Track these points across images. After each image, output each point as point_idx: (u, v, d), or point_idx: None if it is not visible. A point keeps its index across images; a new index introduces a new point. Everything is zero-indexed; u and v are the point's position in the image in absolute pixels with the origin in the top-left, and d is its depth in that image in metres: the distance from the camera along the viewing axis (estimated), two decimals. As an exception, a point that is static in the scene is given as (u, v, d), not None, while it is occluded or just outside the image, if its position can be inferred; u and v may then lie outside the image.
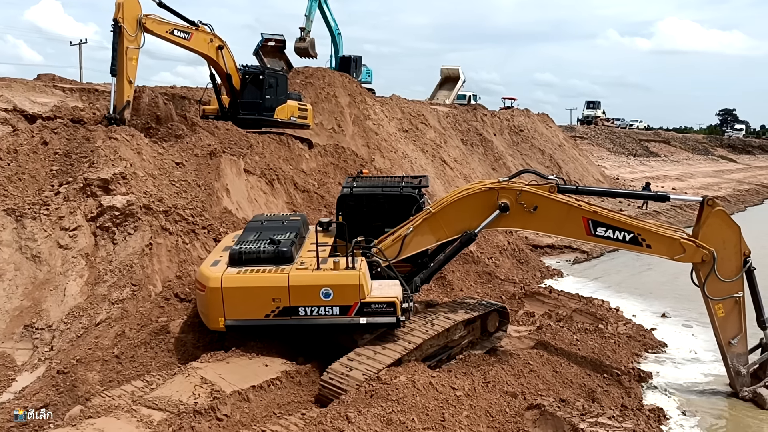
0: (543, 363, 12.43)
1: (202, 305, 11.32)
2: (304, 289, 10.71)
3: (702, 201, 12.19)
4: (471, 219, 12.01)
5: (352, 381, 9.96)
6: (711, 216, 12.08)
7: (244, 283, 10.73)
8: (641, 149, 71.36)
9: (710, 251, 11.93)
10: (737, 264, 12.23)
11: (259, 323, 10.84)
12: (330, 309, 10.82)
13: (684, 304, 19.76)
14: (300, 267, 10.94)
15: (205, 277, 10.95)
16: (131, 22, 16.97)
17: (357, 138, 30.28)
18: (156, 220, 14.24)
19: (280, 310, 10.72)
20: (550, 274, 22.76)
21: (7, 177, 14.07)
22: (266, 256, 11.03)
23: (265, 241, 11.37)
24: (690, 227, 12.84)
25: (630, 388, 12.49)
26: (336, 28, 41.98)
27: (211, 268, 11.17)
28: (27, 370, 11.42)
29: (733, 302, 12.40)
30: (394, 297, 11.00)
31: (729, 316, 12.48)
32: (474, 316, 12.46)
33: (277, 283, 10.69)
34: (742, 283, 12.39)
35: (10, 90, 18.36)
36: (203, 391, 9.63)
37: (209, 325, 11.08)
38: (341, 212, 12.45)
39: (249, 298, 10.71)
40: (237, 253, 11.12)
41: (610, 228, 11.82)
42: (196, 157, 17.14)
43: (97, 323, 12.23)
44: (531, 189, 11.93)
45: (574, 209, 11.93)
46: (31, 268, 12.96)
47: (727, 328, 12.57)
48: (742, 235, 12.23)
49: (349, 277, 10.83)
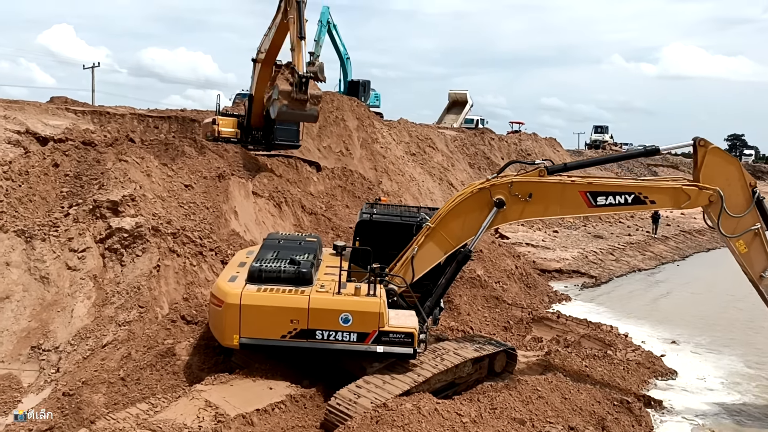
0: (551, 389, 12.27)
1: (216, 320, 11.09)
2: (323, 313, 10.59)
3: (694, 143, 11.98)
4: (471, 223, 11.90)
5: (359, 408, 9.87)
6: (708, 155, 11.87)
7: (263, 301, 10.53)
8: (649, 174, 71.21)
9: (715, 190, 11.75)
10: (746, 197, 12.01)
11: (274, 343, 10.68)
12: (348, 335, 10.70)
13: (694, 331, 19.61)
14: (320, 290, 10.80)
15: (223, 292, 10.74)
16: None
17: (365, 161, 30.42)
18: (164, 242, 14.28)
19: (297, 331, 10.57)
20: (558, 298, 22.60)
21: (18, 198, 14.19)
22: (286, 276, 10.88)
23: (284, 260, 11.22)
24: (700, 252, 12.77)
25: (640, 416, 12.31)
26: (345, 53, 42.44)
27: (229, 283, 10.95)
28: (33, 392, 11.39)
29: (752, 235, 12.13)
30: (412, 328, 10.92)
31: (752, 250, 12.24)
32: (483, 354, 12.37)
33: (297, 304, 10.56)
34: (756, 214, 12.13)
35: (24, 112, 18.61)
36: (207, 415, 9.58)
37: (222, 341, 10.87)
38: (359, 238, 12.40)
39: (267, 317, 10.52)
40: (257, 270, 10.90)
41: (610, 195, 11.65)
42: (205, 179, 17.25)
43: (103, 345, 12.22)
44: (521, 177, 11.81)
45: (569, 186, 11.80)
46: (39, 290, 13.00)
47: (754, 263, 12.33)
48: (743, 168, 12.10)
49: (370, 304, 10.74)
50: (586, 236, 34.49)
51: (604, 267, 28.31)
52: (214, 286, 11.35)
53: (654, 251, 32.71)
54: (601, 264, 28.71)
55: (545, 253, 29.18)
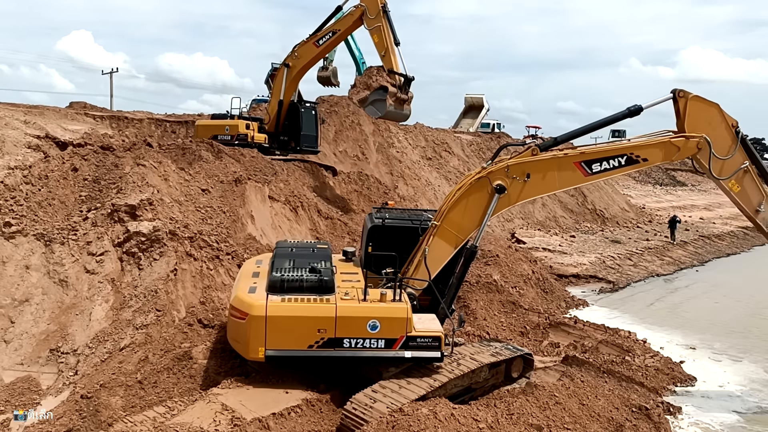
0: (569, 395, 12.16)
1: (238, 334, 10.75)
2: (351, 321, 10.47)
3: (674, 95, 12.18)
4: (474, 213, 11.76)
5: (375, 413, 9.84)
6: (688, 105, 12.14)
7: (289, 312, 10.34)
8: (668, 178, 70.61)
9: (701, 137, 12.07)
10: (731, 137, 12.39)
11: (301, 354, 10.47)
12: (375, 341, 10.61)
13: (713, 337, 19.36)
14: (345, 297, 10.65)
15: (247, 305, 10.47)
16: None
17: (381, 165, 30.45)
18: (181, 245, 14.37)
19: (324, 341, 10.41)
20: (575, 303, 22.42)
21: (38, 202, 14.36)
22: (309, 285, 10.70)
23: (303, 269, 11.03)
24: (719, 258, 12.65)
25: (659, 423, 12.15)
26: (360, 57, 42.52)
27: (250, 295, 10.67)
28: (52, 394, 11.49)
29: (743, 173, 12.62)
30: (439, 331, 10.93)
31: (745, 187, 12.76)
32: (500, 360, 12.29)
33: (324, 313, 10.39)
34: (742, 152, 12.55)
35: (44, 117, 18.86)
36: (224, 418, 9.59)
37: (247, 354, 10.59)
38: (371, 243, 12.27)
39: (293, 328, 10.33)
40: (279, 280, 10.68)
41: (603, 160, 11.81)
42: (222, 183, 17.35)
43: (121, 348, 12.31)
44: (516, 159, 11.74)
45: (563, 159, 11.82)
46: (58, 293, 13.13)
47: (748, 200, 12.88)
48: (723, 110, 12.30)
49: (398, 309, 10.69)
50: (604, 241, 34.21)
51: (621, 272, 28.05)
52: (234, 298, 10.95)
53: (672, 256, 32.38)
54: (619, 269, 28.46)
55: (562, 257, 28.98)
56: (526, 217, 36.37)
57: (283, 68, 22.69)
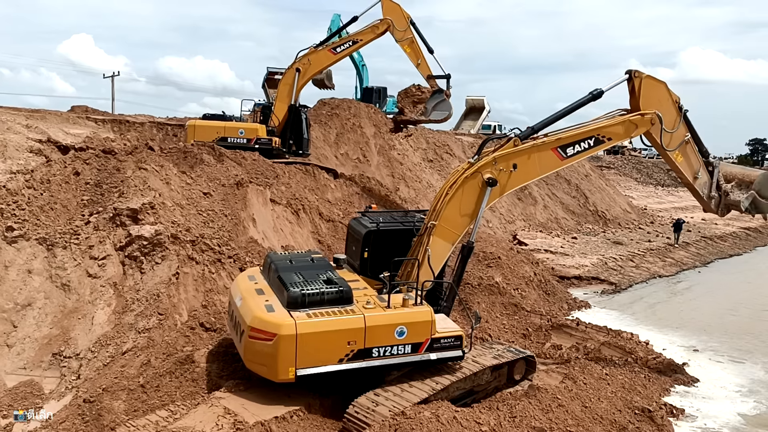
0: (571, 398, 12.16)
1: (263, 356, 10.10)
2: (380, 329, 10.36)
3: (629, 75, 13.19)
4: (469, 208, 11.93)
5: (377, 416, 9.83)
6: (642, 84, 13.24)
7: (319, 327, 10.01)
8: (669, 179, 70.49)
9: (654, 113, 13.25)
10: (676, 112, 13.75)
11: (332, 369, 10.19)
12: (403, 348, 10.58)
13: (715, 338, 19.34)
14: (368, 306, 10.53)
15: (274, 324, 9.93)
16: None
17: (382, 168, 30.46)
18: (183, 249, 14.38)
19: (354, 353, 10.23)
20: (578, 305, 22.39)
21: (40, 207, 14.37)
22: (330, 298, 10.44)
23: (317, 281, 10.76)
24: (722, 259, 12.68)
25: (662, 425, 12.15)
26: (360, 60, 42.52)
27: (273, 314, 10.14)
28: (54, 399, 11.51)
29: (684, 144, 14.16)
30: (460, 330, 11.10)
31: (686, 157, 14.29)
32: (502, 362, 12.28)
33: (353, 324, 10.18)
34: (684, 125, 13.97)
35: (45, 122, 18.89)
36: (226, 422, 9.60)
37: (275, 377, 10.07)
38: (367, 248, 12.24)
39: (324, 344, 10.04)
40: (300, 295, 10.29)
41: (576, 143, 12.54)
42: (223, 187, 17.36)
43: (123, 352, 12.32)
44: (502, 152, 11.98)
45: (542, 146, 12.28)
46: (60, 297, 13.14)
47: (689, 168, 14.43)
48: (669, 87, 13.53)
49: (423, 313, 10.73)
50: (606, 242, 34.18)
51: (624, 273, 28.01)
52: (254, 319, 10.19)
53: (675, 257, 32.33)
54: (621, 270, 28.41)
55: (564, 259, 28.95)
56: (528, 219, 36.35)
57: (293, 73, 22.91)
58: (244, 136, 22.47)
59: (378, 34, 23.03)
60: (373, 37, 23.12)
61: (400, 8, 23.03)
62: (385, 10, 22.98)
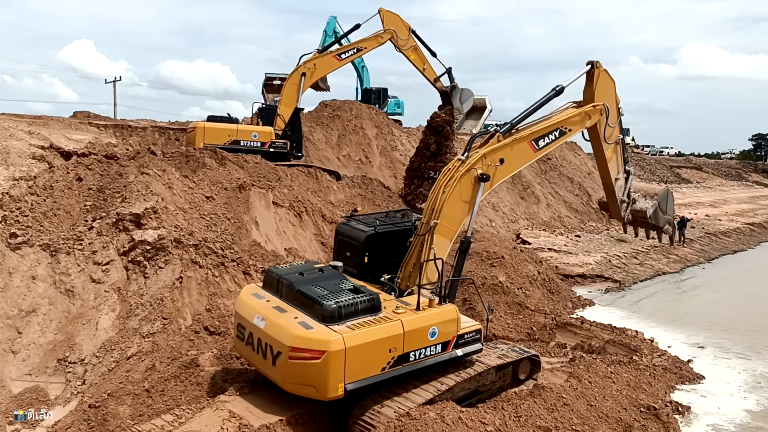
0: (577, 396, 12.14)
1: (310, 376, 9.62)
2: (416, 333, 10.38)
3: (591, 65, 13.93)
4: (464, 204, 12.06)
5: (383, 418, 9.83)
6: (601, 76, 14.02)
7: (365, 338, 9.79)
8: (672, 176, 70.40)
9: (603, 104, 14.06)
10: (616, 110, 14.56)
11: (377, 380, 10.02)
12: (434, 348, 10.66)
13: (720, 335, 19.30)
14: (400, 311, 10.48)
15: (320, 342, 9.50)
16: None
17: (384, 169, 30.48)
18: (186, 253, 14.41)
19: (394, 360, 10.18)
20: (582, 304, 22.36)
21: (43, 213, 14.41)
22: (363, 307, 10.25)
23: (344, 291, 10.49)
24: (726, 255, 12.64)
25: (668, 423, 12.12)
26: (360, 63, 42.47)
27: (314, 331, 9.67)
28: (60, 404, 11.53)
29: (615, 144, 14.97)
30: (478, 324, 11.39)
31: (614, 156, 15.06)
32: (506, 362, 12.27)
33: (393, 331, 10.10)
34: (620, 126, 14.85)
35: (48, 128, 18.93)
36: (231, 425, 9.60)
37: (324, 395, 9.64)
38: (368, 253, 12.03)
39: (370, 354, 9.87)
40: (336, 308, 9.91)
41: (544, 136, 13.10)
42: (226, 190, 17.38)
43: (128, 357, 12.34)
44: (489, 148, 12.24)
45: (521, 140, 12.74)
46: (64, 303, 13.17)
47: (614, 167, 15.21)
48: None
49: (450, 312, 10.88)
50: (609, 240, 34.12)
51: (627, 271, 27.97)
52: (294, 338, 9.67)
53: (679, 254, 32.27)
54: (625, 268, 28.37)
55: (568, 257, 28.92)
56: (531, 218, 36.32)
57: (298, 76, 23.02)
58: (258, 140, 22.40)
59: (381, 43, 23.76)
60: (377, 45, 23.80)
61: (400, 19, 23.80)
62: (386, 21, 23.61)
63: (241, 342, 10.85)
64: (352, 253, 12.19)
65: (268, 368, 10.19)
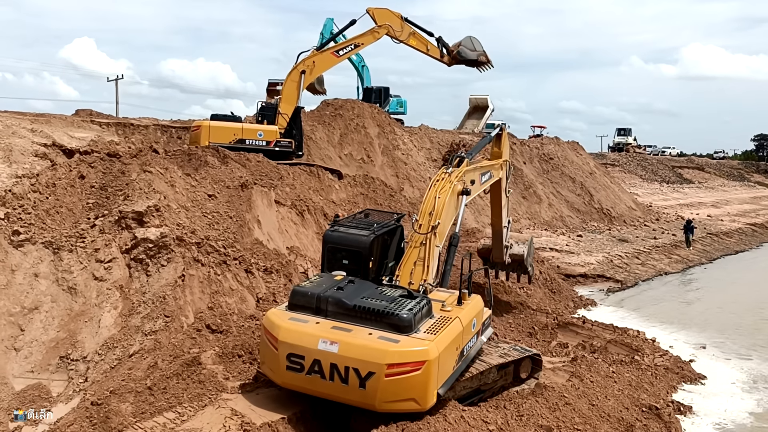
0: (578, 396, 12.15)
1: (412, 388, 9.32)
2: (467, 327, 10.73)
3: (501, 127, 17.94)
4: (452, 212, 13.04)
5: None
6: (504, 137, 17.83)
7: (447, 341, 9.88)
8: (674, 176, 70.39)
9: (505, 160, 17.52)
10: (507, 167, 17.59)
11: (452, 379, 10.18)
12: (474, 338, 11.17)
13: (722, 335, 19.30)
14: (447, 309, 10.62)
15: (417, 353, 9.30)
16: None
17: (386, 168, 30.49)
18: (188, 251, 14.41)
19: (459, 355, 10.42)
20: (584, 303, 22.38)
21: (46, 210, 14.42)
22: (426, 311, 10.22)
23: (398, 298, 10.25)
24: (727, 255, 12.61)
25: (670, 422, 12.13)
26: (360, 62, 42.45)
27: (401, 344, 9.40)
28: (62, 401, 11.54)
29: (508, 193, 18.09)
30: (488, 310, 12.21)
31: (506, 204, 17.94)
32: (508, 361, 12.28)
33: (458, 329, 10.35)
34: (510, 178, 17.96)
35: (50, 125, 18.95)
36: (233, 423, 9.61)
37: (425, 405, 9.40)
38: (372, 257, 11.74)
39: (449, 355, 9.98)
40: (411, 317, 9.69)
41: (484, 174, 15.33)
42: (228, 189, 17.38)
43: (130, 354, 12.34)
44: (463, 169, 13.51)
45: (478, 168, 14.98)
46: (67, 300, 13.18)
47: (505, 215, 18.02)
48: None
49: (479, 302, 11.58)
50: (611, 240, 34.13)
51: (629, 271, 27.98)
52: (389, 355, 9.25)
53: (680, 254, 32.27)
54: (627, 268, 28.38)
55: (569, 257, 28.93)
56: (533, 218, 36.32)
57: (298, 74, 23.04)
58: (264, 138, 22.26)
59: (378, 38, 23.96)
60: (374, 40, 23.98)
61: (389, 11, 24.00)
62: (378, 18, 23.82)
63: (299, 373, 9.75)
64: (353, 260, 11.68)
65: (349, 393, 9.50)
